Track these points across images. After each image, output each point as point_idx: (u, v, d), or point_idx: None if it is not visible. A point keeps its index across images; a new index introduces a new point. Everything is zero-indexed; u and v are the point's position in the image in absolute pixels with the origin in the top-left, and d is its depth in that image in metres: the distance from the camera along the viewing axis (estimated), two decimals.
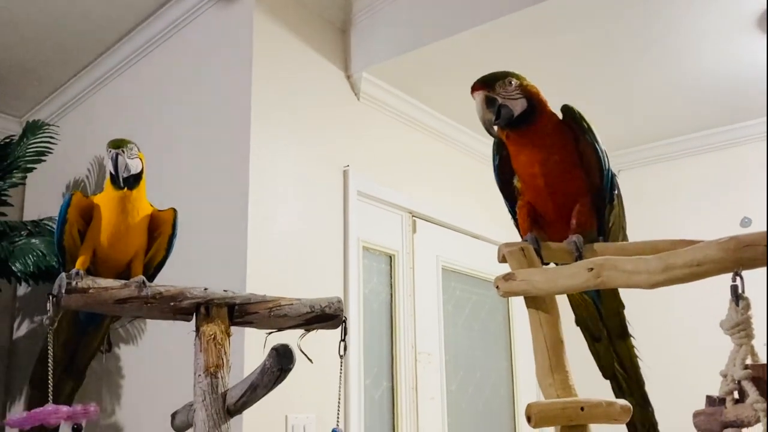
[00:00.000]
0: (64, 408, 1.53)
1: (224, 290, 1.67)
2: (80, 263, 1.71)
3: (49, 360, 1.61)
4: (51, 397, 1.57)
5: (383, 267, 3.29)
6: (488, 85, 1.60)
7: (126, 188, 1.76)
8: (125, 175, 1.75)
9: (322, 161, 3.00)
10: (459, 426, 3.51)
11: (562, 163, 1.61)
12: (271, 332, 1.75)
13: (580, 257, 1.49)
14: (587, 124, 1.62)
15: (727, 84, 3.48)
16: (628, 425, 1.70)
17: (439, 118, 3.64)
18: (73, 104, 3.81)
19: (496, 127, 1.63)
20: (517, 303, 3.98)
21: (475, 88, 1.61)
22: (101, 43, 3.42)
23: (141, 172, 1.80)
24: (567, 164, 1.62)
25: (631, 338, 1.75)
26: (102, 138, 3.55)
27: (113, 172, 1.75)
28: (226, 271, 2.66)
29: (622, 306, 1.74)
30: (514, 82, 1.60)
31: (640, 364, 1.74)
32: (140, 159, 1.80)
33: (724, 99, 3.64)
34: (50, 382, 1.60)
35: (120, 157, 1.74)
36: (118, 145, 1.76)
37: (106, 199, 1.79)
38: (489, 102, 1.59)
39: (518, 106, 1.59)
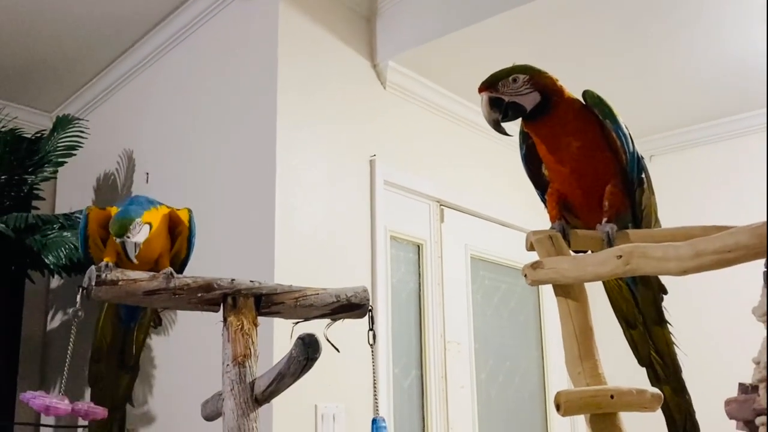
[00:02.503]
0: (62, 406, 1.55)
1: (251, 281, 1.67)
2: (108, 258, 1.73)
3: (68, 351, 1.63)
4: (63, 389, 1.60)
5: (411, 256, 3.28)
6: (491, 85, 1.60)
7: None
8: (137, 252, 1.71)
9: (349, 151, 2.99)
10: (489, 414, 3.50)
11: (585, 149, 1.60)
12: (298, 322, 1.75)
13: (610, 246, 1.47)
14: (608, 108, 1.60)
15: (758, 68, 3.40)
16: (665, 414, 1.68)
17: (466, 106, 3.61)
18: (101, 99, 3.84)
19: (504, 125, 1.64)
20: (548, 291, 3.95)
21: (480, 90, 1.61)
22: (129, 37, 3.45)
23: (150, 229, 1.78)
24: (591, 149, 1.60)
25: (668, 325, 1.73)
26: (131, 131, 3.61)
27: (128, 258, 1.72)
28: (254, 262, 2.67)
29: (664, 291, 1.72)
30: (520, 78, 1.58)
31: (677, 351, 1.72)
32: (147, 223, 1.77)
33: (755, 83, 3.57)
34: (65, 374, 1.63)
35: (128, 244, 1.69)
36: (120, 232, 1.70)
37: None
38: (494, 102, 1.60)
39: (529, 100, 1.58)
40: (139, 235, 1.74)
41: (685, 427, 1.69)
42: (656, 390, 1.36)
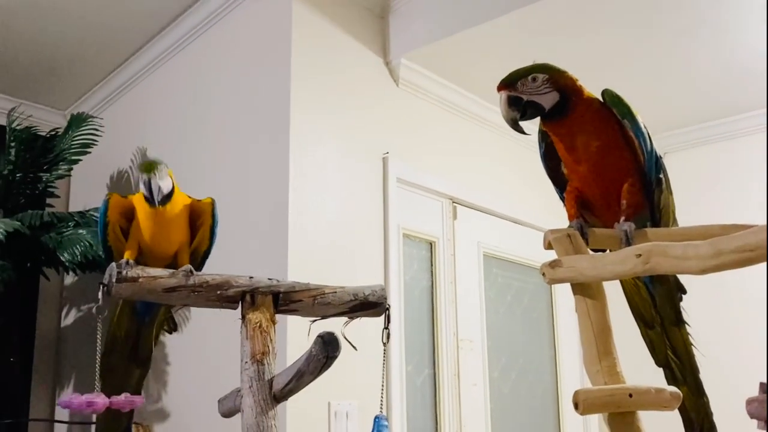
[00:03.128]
0: (100, 400, 1.56)
1: (269, 278, 1.68)
2: (128, 254, 1.74)
3: (97, 348, 1.65)
4: (97, 386, 1.61)
5: (424, 254, 3.28)
6: (510, 84, 1.60)
7: (159, 206, 1.79)
8: (160, 198, 1.76)
9: (362, 149, 3.00)
10: (502, 412, 3.50)
11: (603, 148, 1.60)
12: (315, 320, 1.76)
13: (628, 244, 1.47)
14: (626, 108, 1.60)
15: None
16: (682, 415, 1.67)
17: (480, 103, 3.61)
18: (115, 96, 3.86)
19: (522, 123, 1.64)
20: (561, 289, 3.94)
21: (498, 88, 1.62)
22: (142, 36, 3.46)
23: (172, 189, 1.82)
24: (609, 149, 1.61)
25: (686, 325, 1.72)
26: (144, 129, 3.62)
27: (147, 197, 1.76)
28: (267, 260, 2.68)
29: (683, 291, 1.72)
30: (540, 77, 1.58)
31: (695, 351, 1.72)
32: (170, 176, 1.83)
33: None
34: (97, 369, 1.64)
35: (153, 181, 1.75)
36: (149, 169, 1.77)
37: (142, 207, 1.82)
38: (512, 101, 1.60)
39: (548, 99, 1.59)
40: (163, 182, 1.78)
41: (702, 428, 1.68)
42: (675, 389, 1.36)
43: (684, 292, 1.72)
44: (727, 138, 4.08)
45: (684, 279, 1.69)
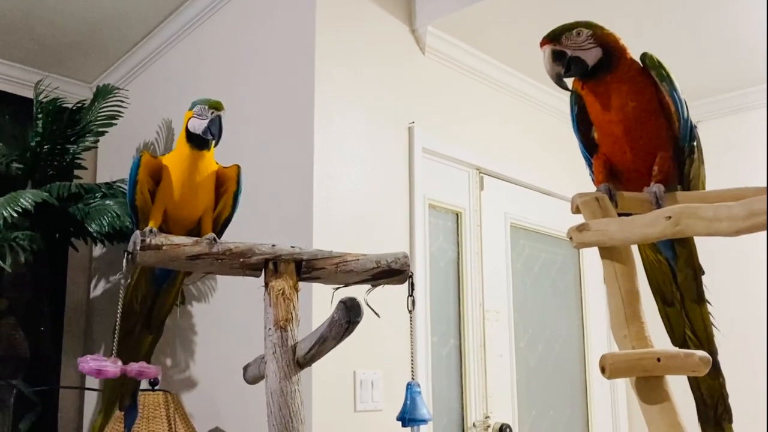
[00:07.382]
0: (111, 368, 1.56)
1: (291, 246, 1.67)
2: (153, 222, 1.75)
3: (118, 314, 1.65)
4: (114, 351, 1.62)
5: (450, 225, 3.26)
6: (555, 38, 1.57)
7: (206, 149, 1.78)
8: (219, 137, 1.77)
9: (387, 118, 2.97)
10: (528, 383, 3.49)
11: (640, 110, 1.56)
12: (338, 288, 1.75)
13: (658, 207, 1.44)
14: (665, 72, 1.56)
15: None
16: (695, 396, 1.64)
17: (507, 72, 3.56)
18: (140, 68, 3.86)
19: (567, 80, 1.61)
20: (589, 260, 3.91)
21: (542, 43, 1.59)
22: (166, 7, 3.45)
23: None
24: (646, 112, 1.57)
25: (707, 304, 1.68)
26: (170, 100, 3.61)
27: (212, 133, 1.75)
28: (292, 230, 2.68)
29: (702, 271, 1.68)
30: (584, 32, 1.56)
31: (714, 332, 1.67)
32: None
33: None
34: (115, 336, 1.65)
35: (221, 119, 1.75)
36: (219, 106, 1.77)
37: (176, 160, 1.81)
38: (556, 56, 1.57)
39: (592, 55, 1.56)
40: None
41: (716, 410, 1.64)
42: (705, 353, 1.33)
43: (702, 272, 1.67)
44: (762, 106, 3.98)
45: (707, 257, 1.66)
